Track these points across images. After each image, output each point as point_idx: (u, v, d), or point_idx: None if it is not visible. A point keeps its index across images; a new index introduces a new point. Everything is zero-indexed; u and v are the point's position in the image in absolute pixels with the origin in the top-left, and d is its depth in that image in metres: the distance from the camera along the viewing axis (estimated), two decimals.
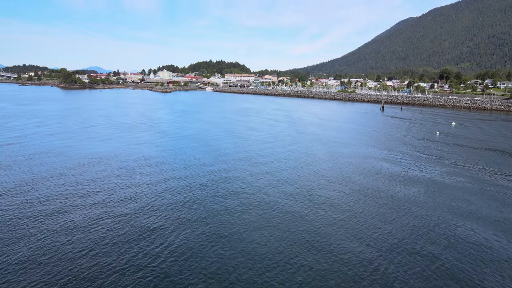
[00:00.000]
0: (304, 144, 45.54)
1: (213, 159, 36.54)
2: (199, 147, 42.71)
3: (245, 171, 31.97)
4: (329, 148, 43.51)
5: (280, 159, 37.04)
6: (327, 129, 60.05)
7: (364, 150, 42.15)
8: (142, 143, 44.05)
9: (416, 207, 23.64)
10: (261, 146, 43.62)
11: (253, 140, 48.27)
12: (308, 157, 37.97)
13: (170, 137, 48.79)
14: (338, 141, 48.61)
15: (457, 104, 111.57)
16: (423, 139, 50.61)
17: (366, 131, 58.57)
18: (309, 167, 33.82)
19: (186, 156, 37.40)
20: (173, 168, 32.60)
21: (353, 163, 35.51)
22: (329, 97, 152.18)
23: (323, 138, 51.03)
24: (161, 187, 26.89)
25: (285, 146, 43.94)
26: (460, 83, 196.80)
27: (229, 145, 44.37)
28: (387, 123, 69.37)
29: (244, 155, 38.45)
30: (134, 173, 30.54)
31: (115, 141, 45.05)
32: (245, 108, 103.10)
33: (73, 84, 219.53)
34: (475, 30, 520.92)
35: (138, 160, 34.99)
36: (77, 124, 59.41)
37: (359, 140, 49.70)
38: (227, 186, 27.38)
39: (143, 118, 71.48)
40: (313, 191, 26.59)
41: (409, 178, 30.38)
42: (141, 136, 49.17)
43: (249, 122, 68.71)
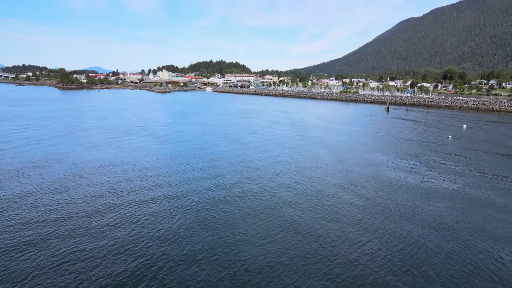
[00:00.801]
0: (308, 150, 41.98)
1: (208, 168, 32.97)
2: (194, 154, 39.13)
3: (244, 180, 28.40)
4: (335, 154, 39.94)
5: (282, 167, 33.46)
6: (331, 132, 56.50)
7: (373, 157, 38.59)
8: (133, 149, 40.50)
9: (445, 229, 20.05)
10: (261, 152, 40.06)
11: (253, 145, 44.71)
12: (313, 165, 34.40)
13: (164, 142, 45.24)
14: (344, 145, 45.06)
15: (464, 105, 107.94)
16: (436, 144, 47.04)
17: (373, 134, 55.02)
18: (315, 176, 30.25)
19: (178, 165, 33.83)
20: (163, 181, 29.04)
21: (364, 173, 31.93)
22: (331, 97, 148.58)
23: (327, 142, 47.47)
24: (148, 207, 23.34)
25: (288, 152, 40.38)
26: (464, 83, 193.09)
27: (227, 151, 40.81)
28: (394, 126, 65.80)
29: (243, 163, 34.88)
30: (120, 188, 26.99)
31: (103, 148, 41.51)
32: (245, 109, 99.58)
33: (71, 84, 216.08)
34: (476, 30, 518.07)
35: (127, 172, 31.44)
36: (66, 128, 55.89)
37: (366, 144, 46.14)
38: (224, 197, 23.84)
39: (138, 120, 67.95)
40: (321, 204, 23.04)
41: (430, 191, 26.80)
42: (133, 141, 45.62)
43: (249, 124, 65.17)
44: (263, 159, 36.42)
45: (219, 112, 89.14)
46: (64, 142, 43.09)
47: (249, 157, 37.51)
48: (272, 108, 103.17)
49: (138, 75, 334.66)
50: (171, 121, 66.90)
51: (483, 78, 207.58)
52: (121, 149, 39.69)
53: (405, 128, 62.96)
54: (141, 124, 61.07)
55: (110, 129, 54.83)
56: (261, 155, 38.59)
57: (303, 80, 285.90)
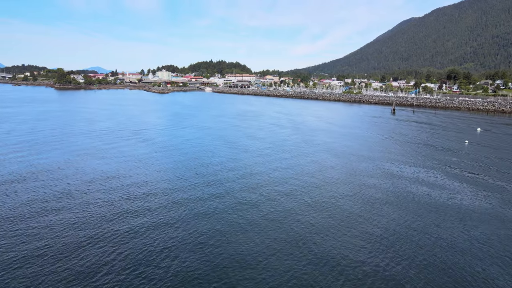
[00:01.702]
0: (313, 157, 37.93)
1: (203, 185, 28.94)
2: (187, 165, 35.08)
3: (243, 195, 24.39)
4: (344, 162, 35.91)
5: (286, 179, 29.42)
6: (337, 137, 52.45)
7: (387, 166, 34.55)
8: (120, 159, 36.48)
9: (492, 263, 16.02)
10: (262, 161, 36.02)
11: (253, 152, 40.66)
12: (319, 175, 30.35)
13: (155, 150, 41.21)
14: (352, 152, 41.02)
15: (472, 107, 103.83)
16: (453, 150, 42.98)
17: (382, 139, 50.96)
18: (323, 188, 26.21)
19: (170, 181, 29.81)
20: (148, 197, 25.02)
21: (380, 187, 27.88)
22: (333, 98, 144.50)
23: (334, 148, 43.42)
24: (124, 227, 19.34)
25: (291, 161, 36.34)
26: (469, 83, 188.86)
27: (224, 161, 36.77)
28: (403, 129, 61.73)
29: (242, 175, 30.85)
30: (98, 212, 23.01)
31: (86, 157, 37.50)
32: (245, 110, 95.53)
33: (68, 84, 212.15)
34: (478, 30, 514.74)
35: (107, 190, 27.44)
36: (51, 131, 51.88)
37: (376, 150, 42.08)
38: (220, 214, 19.84)
39: (131, 123, 63.93)
40: (333, 219, 19.02)
41: (462, 211, 22.76)
42: (122, 148, 41.59)
43: (248, 128, 61.14)
44: (264, 168, 32.39)
45: (217, 113, 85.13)
46: (42, 151, 39.09)
47: (249, 166, 33.49)
48: (273, 110, 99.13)
49: (137, 75, 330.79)
50: (166, 125, 62.87)
51: (488, 79, 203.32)
52: (106, 159, 35.69)
53: (415, 131, 58.90)
54: (133, 128, 57.04)
55: (99, 133, 50.82)
56: (261, 164, 34.56)
57: (305, 80, 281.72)
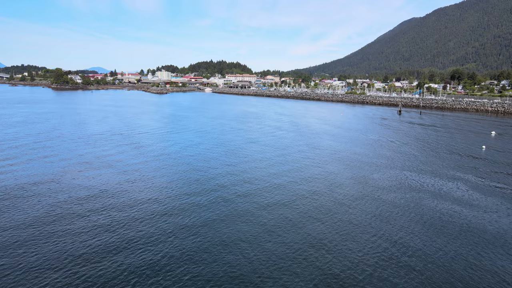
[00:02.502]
0: (320, 166, 34.16)
1: (194, 204, 25.20)
2: (176, 176, 31.31)
3: (243, 215, 20.63)
4: (355, 172, 32.13)
5: (291, 194, 25.65)
6: (344, 141, 48.67)
7: (403, 176, 30.78)
8: (103, 167, 32.75)
9: None
10: (263, 171, 32.25)
11: (253, 160, 36.89)
12: (329, 191, 26.58)
13: (142, 157, 37.45)
14: (362, 159, 37.26)
15: (481, 108, 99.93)
16: (470, 157, 39.19)
17: (392, 143, 47.16)
18: (336, 208, 22.44)
19: (155, 195, 26.07)
20: (131, 223, 21.29)
21: (400, 203, 24.08)
22: (336, 99, 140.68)
23: (342, 155, 39.65)
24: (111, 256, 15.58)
25: (295, 173, 32.55)
26: (474, 84, 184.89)
27: (221, 170, 33.01)
28: (413, 132, 57.91)
29: (240, 188, 27.09)
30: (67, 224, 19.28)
31: (65, 166, 33.79)
32: (245, 112, 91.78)
33: (65, 84, 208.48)
34: (480, 30, 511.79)
35: (83, 204, 23.72)
36: (36, 137, 48.12)
37: (388, 157, 38.30)
38: (217, 239, 16.13)
39: (122, 125, 60.19)
40: (350, 250, 15.26)
41: (502, 233, 18.97)
42: (106, 155, 37.85)
43: (248, 131, 57.37)
44: (266, 182, 28.63)
45: (216, 115, 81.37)
46: (20, 162, 35.38)
47: (249, 178, 29.72)
48: (274, 111, 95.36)
49: (136, 75, 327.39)
50: (159, 128, 59.09)
51: (493, 79, 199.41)
52: (87, 171, 31.94)
53: (426, 135, 55.08)
54: (123, 132, 53.25)
55: (86, 138, 47.07)
56: (263, 176, 30.79)
57: (306, 80, 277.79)
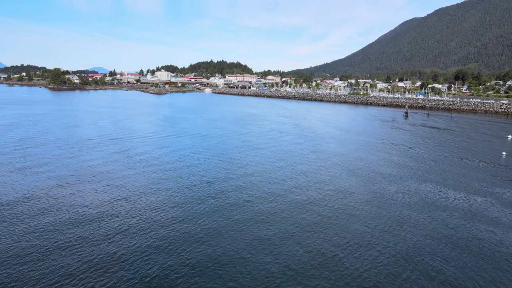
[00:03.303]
0: (329, 177, 30.47)
1: (182, 221, 21.57)
2: (169, 192, 27.69)
3: (240, 231, 16.99)
4: (368, 184, 28.47)
5: (295, 208, 21.99)
6: (352, 147, 45.00)
7: (420, 189, 27.13)
8: (82, 181, 29.11)
9: None
10: (263, 181, 28.57)
11: (252, 169, 33.23)
12: (338, 207, 22.92)
13: (131, 167, 33.83)
14: (372, 167, 33.61)
15: (490, 109, 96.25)
16: (491, 165, 35.50)
17: (403, 149, 43.45)
18: (346, 227, 18.79)
19: (139, 209, 22.45)
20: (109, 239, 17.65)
21: (424, 224, 20.43)
22: (339, 100, 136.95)
23: (350, 162, 35.98)
24: None
25: (300, 180, 28.87)
26: (479, 84, 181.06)
27: (216, 178, 29.34)
28: (423, 137, 54.21)
29: (238, 200, 23.43)
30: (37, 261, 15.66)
31: (42, 177, 30.18)
32: (245, 113, 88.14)
33: (62, 84, 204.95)
34: (482, 30, 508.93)
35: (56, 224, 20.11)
36: (18, 143, 44.54)
37: (400, 166, 34.62)
38: None
39: (115, 129, 56.56)
40: None
41: None
42: (92, 163, 34.23)
43: (248, 135, 53.71)
44: (266, 192, 24.99)
45: (215, 117, 77.71)
46: None
47: (247, 189, 26.08)
48: (275, 113, 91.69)
49: (136, 75, 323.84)
50: (153, 131, 55.45)
51: (499, 79, 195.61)
52: (66, 181, 28.33)
53: (438, 140, 51.39)
54: (114, 136, 49.61)
55: (72, 144, 43.41)
56: (263, 186, 27.14)
57: (307, 81, 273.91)
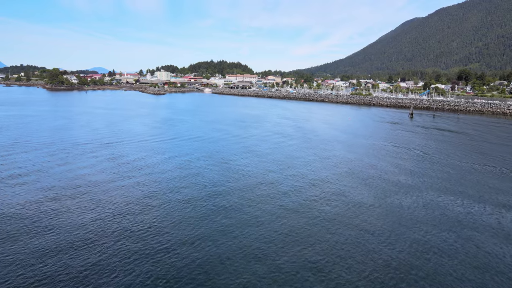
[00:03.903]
0: (340, 188, 27.59)
1: (175, 239, 18.71)
2: (158, 208, 24.84)
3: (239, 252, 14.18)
4: (383, 196, 25.60)
5: (302, 225, 19.13)
6: (358, 151, 42.11)
7: (441, 202, 24.28)
8: (61, 195, 26.27)
9: None
10: (265, 194, 25.70)
11: (256, 180, 30.35)
12: (360, 228, 20.05)
13: (118, 172, 30.98)
14: (384, 176, 30.75)
15: (497, 110, 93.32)
16: None
17: (415, 155, 40.56)
18: (359, 248, 15.95)
19: (125, 234, 19.61)
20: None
21: (449, 246, 17.54)
22: (341, 100, 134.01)
23: (362, 172, 33.10)
24: None
25: (306, 193, 26.00)
26: (483, 84, 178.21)
27: (212, 189, 26.47)
28: (434, 140, 51.33)
29: (236, 216, 20.56)
30: None
31: (17, 191, 27.35)
32: (246, 115, 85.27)
33: (60, 85, 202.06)
34: (483, 30, 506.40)
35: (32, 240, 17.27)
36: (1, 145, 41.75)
37: (416, 174, 31.76)
38: None
39: (108, 132, 53.72)
40: None
41: None
42: (75, 173, 31.39)
43: (249, 139, 50.84)
44: (269, 206, 22.13)
45: (214, 119, 74.85)
46: None
47: (247, 204, 23.22)
48: (276, 114, 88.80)
49: (135, 75, 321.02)
50: (149, 135, 52.60)
51: (502, 79, 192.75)
52: (42, 194, 25.50)
53: (450, 143, 48.51)
54: (105, 140, 46.74)
55: (57, 149, 40.57)
56: (265, 198, 24.27)
57: (308, 81, 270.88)
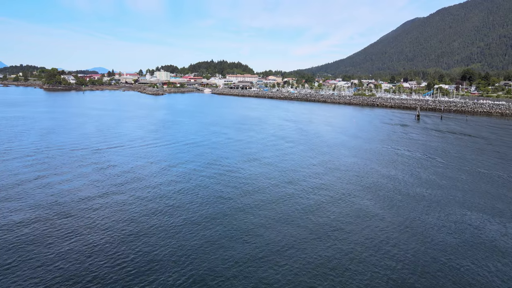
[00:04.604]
0: (353, 206, 24.30)
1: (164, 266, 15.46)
2: (144, 236, 21.58)
3: None
4: (403, 213, 22.33)
5: (310, 250, 15.87)
6: (370, 160, 38.83)
7: (469, 220, 21.02)
8: (36, 206, 23.05)
9: None
10: (269, 208, 22.42)
11: (253, 190, 27.07)
12: (361, 244, 16.77)
13: (105, 185, 27.73)
14: (403, 190, 27.48)
15: (506, 111, 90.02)
16: None
17: (432, 163, 37.27)
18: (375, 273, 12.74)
19: (110, 252, 16.35)
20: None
21: (490, 279, 14.31)
22: (343, 101, 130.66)
23: (375, 184, 29.83)
24: None
25: (314, 209, 22.71)
26: (488, 84, 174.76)
27: (206, 207, 23.21)
28: (448, 144, 48.00)
29: (236, 240, 17.30)
30: None
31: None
32: (246, 117, 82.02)
33: (57, 85, 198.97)
34: (485, 30, 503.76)
35: None
36: None
37: (436, 185, 28.49)
38: None
39: (97, 136, 50.46)
40: None
41: None
42: (55, 179, 28.17)
43: (250, 144, 47.56)
44: (273, 225, 18.87)
45: (212, 121, 71.61)
46: None
47: (248, 223, 19.97)
48: (277, 115, 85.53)
49: (135, 75, 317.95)
50: (141, 139, 49.28)
51: (508, 79, 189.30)
52: (13, 205, 22.26)
53: (466, 147, 45.17)
54: (95, 145, 43.46)
55: (40, 154, 37.36)
56: (268, 214, 21.00)
57: (309, 81, 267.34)
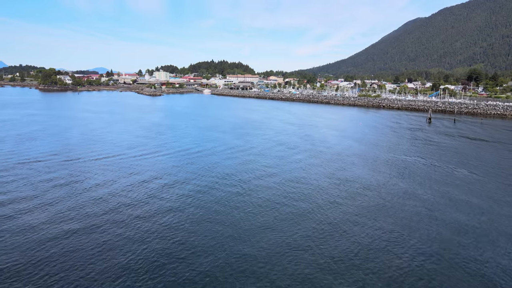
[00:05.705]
0: (361, 223, 19.35)
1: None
2: (122, 250, 16.61)
3: None
4: (421, 238, 17.36)
5: None
6: (385, 173, 33.85)
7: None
8: None
9: None
10: (271, 230, 17.45)
11: (254, 209, 22.09)
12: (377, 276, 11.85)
13: (71, 209, 22.82)
14: (419, 203, 22.50)
15: None
16: None
17: (459, 176, 32.31)
18: None
19: None
20: None
21: None
22: (347, 102, 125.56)
23: (386, 197, 24.87)
24: None
25: (323, 231, 17.74)
26: (496, 85, 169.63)
27: (200, 231, 18.23)
28: (460, 150, 42.94)
29: (234, 268, 12.37)
30: None
31: None
32: (246, 119, 77.04)
33: (53, 85, 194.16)
34: (488, 30, 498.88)
35: None
36: None
37: (467, 204, 23.53)
38: None
39: (80, 141, 45.53)
40: None
41: None
42: (4, 201, 23.28)
43: (247, 150, 42.58)
44: (278, 254, 13.97)
45: (209, 124, 66.63)
46: None
47: (249, 253, 15.03)
48: (279, 118, 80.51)
49: (134, 75, 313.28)
50: (128, 146, 44.30)
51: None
52: None
53: (481, 153, 40.13)
54: (75, 152, 38.44)
55: (5, 166, 32.48)
56: (272, 243, 16.05)
57: (311, 81, 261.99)
